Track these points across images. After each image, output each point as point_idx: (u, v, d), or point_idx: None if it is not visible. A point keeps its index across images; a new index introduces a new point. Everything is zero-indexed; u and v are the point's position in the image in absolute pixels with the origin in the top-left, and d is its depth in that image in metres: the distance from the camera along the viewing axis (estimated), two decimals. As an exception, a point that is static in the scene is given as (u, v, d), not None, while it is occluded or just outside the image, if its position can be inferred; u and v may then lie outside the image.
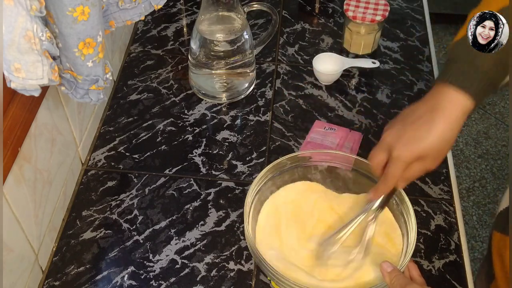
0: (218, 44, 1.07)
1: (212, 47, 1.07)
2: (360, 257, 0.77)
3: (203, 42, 1.07)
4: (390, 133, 0.71)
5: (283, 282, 0.73)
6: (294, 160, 0.85)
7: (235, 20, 1.07)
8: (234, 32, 1.07)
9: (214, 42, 1.06)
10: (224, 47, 1.07)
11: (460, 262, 0.91)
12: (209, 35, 1.07)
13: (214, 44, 1.07)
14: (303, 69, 1.21)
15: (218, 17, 1.07)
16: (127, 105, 1.13)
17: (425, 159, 0.69)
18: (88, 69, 0.76)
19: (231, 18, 1.07)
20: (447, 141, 0.69)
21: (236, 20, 1.07)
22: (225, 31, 1.07)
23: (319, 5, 1.36)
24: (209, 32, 1.07)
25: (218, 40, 1.07)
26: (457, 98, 0.68)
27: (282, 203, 0.86)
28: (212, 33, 1.07)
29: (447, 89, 0.69)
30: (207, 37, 1.06)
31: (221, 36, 1.07)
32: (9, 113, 0.74)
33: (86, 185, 1.00)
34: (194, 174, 1.02)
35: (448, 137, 0.69)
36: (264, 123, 1.10)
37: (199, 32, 1.06)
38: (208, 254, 0.91)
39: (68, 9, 0.68)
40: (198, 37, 1.06)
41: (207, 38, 1.06)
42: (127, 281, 0.87)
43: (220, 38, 1.07)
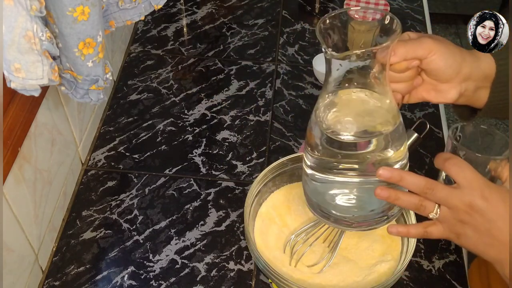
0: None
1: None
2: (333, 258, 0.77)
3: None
4: None
5: (284, 283, 0.73)
6: (294, 161, 0.85)
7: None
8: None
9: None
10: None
11: (460, 262, 0.91)
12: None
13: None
14: (303, 69, 1.21)
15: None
16: (127, 105, 1.13)
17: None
18: (88, 69, 0.76)
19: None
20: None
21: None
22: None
23: (319, 5, 1.36)
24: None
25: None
26: None
27: (281, 203, 0.86)
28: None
29: None
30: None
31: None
32: (9, 113, 0.74)
33: (86, 185, 1.00)
34: (194, 174, 1.02)
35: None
36: (264, 123, 1.10)
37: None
38: (208, 254, 0.91)
39: (68, 9, 0.68)
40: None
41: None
42: (127, 281, 0.87)
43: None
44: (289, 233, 0.82)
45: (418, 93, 0.71)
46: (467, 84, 0.69)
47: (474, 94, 0.70)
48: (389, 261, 0.78)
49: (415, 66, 0.67)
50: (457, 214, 0.60)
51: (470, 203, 0.59)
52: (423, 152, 1.05)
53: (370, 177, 0.66)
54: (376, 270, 0.78)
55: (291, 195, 0.87)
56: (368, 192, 0.67)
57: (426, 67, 0.67)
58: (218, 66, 1.21)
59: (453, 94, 0.69)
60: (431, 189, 0.61)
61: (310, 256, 0.79)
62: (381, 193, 0.63)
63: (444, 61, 0.66)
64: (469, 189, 0.60)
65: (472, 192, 0.59)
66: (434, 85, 0.69)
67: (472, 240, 0.61)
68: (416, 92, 0.71)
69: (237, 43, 1.26)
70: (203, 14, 1.33)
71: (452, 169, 0.61)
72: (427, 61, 0.66)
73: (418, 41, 0.66)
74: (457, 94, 0.69)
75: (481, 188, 0.59)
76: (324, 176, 0.68)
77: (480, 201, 0.59)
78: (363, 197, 0.69)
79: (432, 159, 1.03)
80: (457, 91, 0.69)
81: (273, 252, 0.80)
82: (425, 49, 0.66)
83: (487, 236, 0.60)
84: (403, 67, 0.66)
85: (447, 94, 0.69)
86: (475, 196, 0.59)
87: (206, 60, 1.23)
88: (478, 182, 0.60)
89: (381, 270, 0.78)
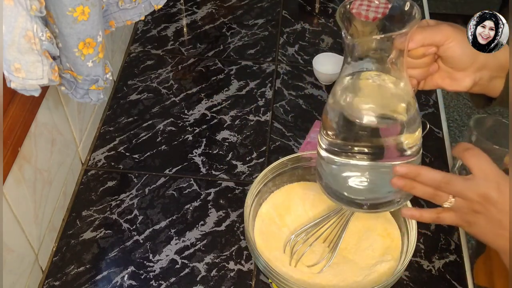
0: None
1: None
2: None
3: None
4: None
5: (284, 283, 0.73)
6: (294, 161, 0.85)
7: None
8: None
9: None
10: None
11: (460, 262, 0.91)
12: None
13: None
14: (303, 69, 1.21)
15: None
16: (127, 105, 1.13)
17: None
18: (88, 69, 0.76)
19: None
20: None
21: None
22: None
23: (319, 5, 1.36)
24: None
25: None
26: None
27: (281, 203, 0.86)
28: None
29: None
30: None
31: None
32: (9, 113, 0.74)
33: (86, 185, 1.00)
34: (194, 174, 1.02)
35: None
36: (264, 123, 1.10)
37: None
38: (208, 254, 0.91)
39: (68, 9, 0.68)
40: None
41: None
42: (127, 281, 0.87)
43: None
44: (289, 233, 0.82)
45: (433, 80, 0.72)
46: (482, 73, 0.69)
47: (489, 84, 0.71)
48: (389, 261, 0.78)
49: (432, 53, 0.68)
50: (471, 204, 0.62)
51: (484, 194, 0.61)
52: (423, 152, 1.04)
53: (384, 161, 0.68)
54: (376, 270, 0.78)
55: (291, 195, 0.87)
56: (381, 175, 0.69)
57: (442, 54, 0.68)
58: (218, 66, 1.21)
59: (468, 82, 0.70)
60: (447, 183, 0.63)
61: (310, 256, 0.79)
62: (398, 182, 0.65)
63: (461, 49, 0.67)
64: (485, 181, 0.61)
65: (487, 184, 0.61)
66: (449, 73, 0.70)
67: (482, 229, 0.63)
68: (432, 79, 0.72)
69: (237, 43, 1.26)
70: (203, 14, 1.33)
71: (471, 159, 0.62)
72: (444, 48, 0.67)
73: (437, 28, 0.67)
74: (471, 82, 0.70)
75: (497, 180, 0.61)
76: (339, 159, 0.69)
77: (495, 193, 0.60)
78: (376, 181, 0.70)
79: (432, 159, 1.03)
80: (471, 80, 0.70)
81: (273, 252, 0.80)
82: (443, 36, 0.66)
83: (498, 227, 0.61)
84: (420, 53, 0.67)
85: (462, 82, 0.70)
86: (490, 188, 0.60)
87: (206, 60, 1.23)
88: (494, 174, 0.61)
89: (381, 270, 0.78)
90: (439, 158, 1.04)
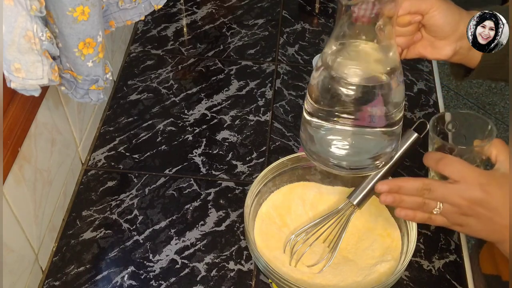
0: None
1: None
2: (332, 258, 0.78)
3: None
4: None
5: (284, 283, 0.73)
6: (294, 161, 0.85)
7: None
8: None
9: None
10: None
11: (460, 262, 0.91)
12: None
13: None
14: (303, 69, 1.21)
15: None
16: (127, 105, 1.13)
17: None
18: (88, 69, 0.76)
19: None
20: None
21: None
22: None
23: (319, 5, 1.36)
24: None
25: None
26: None
27: (281, 203, 0.86)
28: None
29: None
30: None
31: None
32: (9, 113, 0.74)
33: (86, 185, 1.00)
34: (194, 174, 1.02)
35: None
36: (264, 123, 1.10)
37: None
38: (208, 254, 0.91)
39: (68, 9, 0.68)
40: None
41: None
42: (127, 281, 0.87)
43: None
44: (289, 233, 0.83)
45: (415, 49, 0.75)
46: (462, 43, 0.72)
47: (468, 53, 0.73)
48: (389, 261, 0.78)
49: (417, 21, 0.71)
50: (460, 208, 0.62)
51: (470, 198, 0.61)
52: (423, 152, 1.04)
53: (366, 126, 0.70)
54: (376, 270, 0.78)
55: (291, 195, 0.87)
56: (364, 141, 0.71)
57: (426, 23, 0.71)
58: (218, 66, 1.21)
59: (448, 51, 0.73)
60: (428, 190, 0.63)
61: (310, 256, 0.80)
62: (387, 199, 0.67)
63: (443, 18, 0.70)
64: (466, 184, 0.62)
65: (470, 187, 0.61)
66: (431, 42, 0.73)
67: (475, 229, 0.64)
68: (414, 47, 0.75)
69: (237, 43, 1.26)
70: (203, 14, 1.33)
71: (446, 169, 0.63)
72: (428, 16, 0.70)
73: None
74: (452, 51, 0.73)
75: (478, 180, 0.61)
76: (323, 123, 0.71)
77: (480, 194, 0.61)
78: (359, 145, 0.71)
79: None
80: (452, 49, 0.72)
81: (273, 252, 0.80)
82: (428, 5, 0.69)
83: (490, 224, 0.62)
84: (406, 21, 0.70)
85: (443, 51, 0.73)
86: (474, 190, 0.61)
87: (206, 60, 1.23)
88: (473, 175, 0.62)
89: (381, 270, 0.78)
90: (439, 158, 1.04)
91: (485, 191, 0.61)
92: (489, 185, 0.61)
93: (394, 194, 0.66)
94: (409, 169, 1.02)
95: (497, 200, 0.61)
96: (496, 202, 0.61)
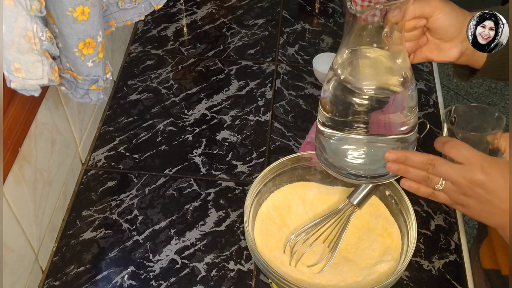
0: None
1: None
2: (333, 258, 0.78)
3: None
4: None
5: (284, 283, 0.73)
6: (294, 161, 0.85)
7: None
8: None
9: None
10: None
11: (460, 262, 0.91)
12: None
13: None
14: (303, 69, 1.21)
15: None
16: (127, 105, 1.13)
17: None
18: (88, 69, 0.76)
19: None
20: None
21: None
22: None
23: (319, 5, 1.36)
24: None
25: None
26: None
27: (281, 203, 0.86)
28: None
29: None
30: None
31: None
32: (9, 113, 0.74)
33: (86, 185, 1.00)
34: (194, 174, 1.02)
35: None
36: (264, 123, 1.10)
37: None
38: (208, 254, 0.91)
39: (68, 9, 0.68)
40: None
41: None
42: (127, 281, 0.87)
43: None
44: (289, 233, 0.82)
45: (422, 53, 0.76)
46: (467, 44, 0.72)
47: (474, 54, 0.74)
48: (389, 261, 0.78)
49: (422, 25, 0.71)
50: (460, 188, 0.65)
51: (471, 179, 0.64)
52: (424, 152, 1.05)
53: (380, 135, 0.70)
54: (376, 270, 0.78)
55: (291, 195, 0.87)
56: (378, 149, 0.71)
57: (431, 26, 0.71)
58: (218, 66, 1.21)
59: (455, 53, 0.73)
60: (432, 165, 0.66)
61: (310, 256, 0.79)
62: (392, 167, 0.69)
63: (448, 20, 0.70)
64: (469, 166, 0.64)
65: (472, 168, 0.64)
66: (437, 45, 0.74)
67: (475, 210, 0.66)
68: (420, 51, 0.75)
69: (237, 43, 1.26)
70: (203, 14, 1.33)
71: (451, 151, 0.65)
72: (433, 19, 0.70)
73: (425, 0, 0.70)
74: (458, 53, 0.73)
75: (480, 163, 0.64)
76: (337, 133, 0.71)
77: (481, 176, 0.63)
78: (373, 154, 0.72)
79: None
80: (458, 50, 0.73)
81: (273, 252, 0.80)
82: (431, 7, 0.69)
83: (489, 206, 0.64)
84: (411, 26, 0.70)
85: (449, 53, 0.73)
86: (475, 171, 0.63)
87: (206, 60, 1.23)
88: (477, 158, 0.64)
89: (381, 270, 0.78)
90: (439, 158, 1.04)
91: (486, 174, 0.63)
92: (491, 168, 0.63)
93: (399, 164, 0.68)
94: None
95: (497, 184, 0.63)
96: (496, 186, 0.63)
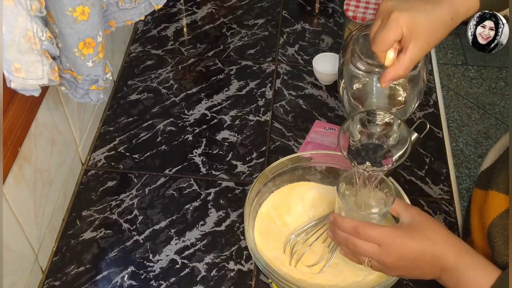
0: None
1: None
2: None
3: None
4: (389, 1, 0.68)
5: (284, 283, 0.73)
6: (294, 161, 0.85)
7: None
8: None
9: None
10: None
11: (460, 262, 0.91)
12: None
13: None
14: (303, 69, 1.21)
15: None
16: (127, 105, 1.13)
17: (417, 38, 0.67)
18: (88, 69, 0.76)
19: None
20: (444, 26, 0.67)
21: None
22: None
23: (319, 5, 1.36)
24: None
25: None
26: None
27: (281, 203, 0.86)
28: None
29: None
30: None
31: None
32: (9, 113, 0.74)
33: (86, 185, 1.00)
34: (194, 174, 1.02)
35: (447, 23, 0.67)
36: (264, 123, 1.10)
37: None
38: (208, 254, 0.91)
39: (68, 9, 0.68)
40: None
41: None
42: (127, 281, 0.87)
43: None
44: (289, 233, 0.83)
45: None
46: (452, 13, 0.68)
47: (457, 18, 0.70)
48: (389, 261, 0.78)
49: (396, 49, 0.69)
50: (385, 266, 0.68)
51: (391, 259, 0.67)
52: (423, 152, 1.05)
53: None
54: (376, 270, 0.78)
55: (291, 195, 0.87)
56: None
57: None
58: (218, 66, 1.21)
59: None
60: (353, 245, 0.69)
61: (310, 256, 0.80)
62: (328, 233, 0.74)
63: (422, 52, 0.69)
64: (385, 247, 0.67)
65: (388, 250, 0.67)
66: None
67: (412, 276, 0.70)
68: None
69: (237, 43, 1.26)
70: (203, 14, 1.33)
71: (365, 236, 0.68)
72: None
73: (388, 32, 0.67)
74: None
75: (394, 241, 0.67)
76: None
77: (397, 253, 0.67)
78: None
79: (432, 159, 1.03)
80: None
81: (273, 252, 0.80)
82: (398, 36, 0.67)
83: (419, 269, 0.67)
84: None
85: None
86: (391, 252, 0.67)
87: (206, 60, 1.23)
88: (390, 236, 0.67)
89: (381, 270, 0.78)
90: (439, 158, 1.04)
91: (402, 248, 0.66)
92: (403, 239, 0.66)
93: (332, 235, 0.72)
94: (409, 169, 1.02)
95: (414, 249, 0.66)
96: (415, 252, 0.66)
